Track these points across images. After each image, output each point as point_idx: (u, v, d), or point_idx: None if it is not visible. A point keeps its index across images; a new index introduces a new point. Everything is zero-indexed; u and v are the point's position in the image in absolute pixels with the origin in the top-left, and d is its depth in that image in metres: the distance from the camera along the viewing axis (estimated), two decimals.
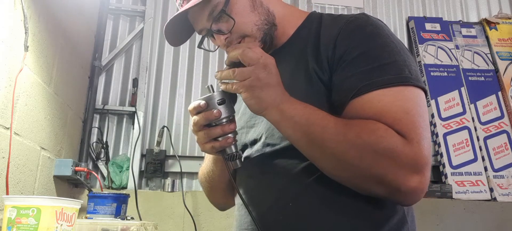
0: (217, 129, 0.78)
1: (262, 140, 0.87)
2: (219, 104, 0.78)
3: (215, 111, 0.77)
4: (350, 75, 0.76)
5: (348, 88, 0.75)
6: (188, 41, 2.95)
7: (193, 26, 0.91)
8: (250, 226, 0.86)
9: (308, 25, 0.90)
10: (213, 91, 0.79)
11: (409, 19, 2.94)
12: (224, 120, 0.78)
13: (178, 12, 0.86)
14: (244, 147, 0.93)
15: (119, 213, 1.71)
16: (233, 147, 0.81)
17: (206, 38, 0.93)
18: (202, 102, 0.77)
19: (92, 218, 1.67)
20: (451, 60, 2.76)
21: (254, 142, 0.89)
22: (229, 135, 0.79)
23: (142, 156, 2.37)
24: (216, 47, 0.92)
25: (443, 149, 2.50)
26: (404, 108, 0.71)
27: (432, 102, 2.62)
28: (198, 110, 0.78)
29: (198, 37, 0.95)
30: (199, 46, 0.94)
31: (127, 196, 1.80)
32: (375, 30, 0.80)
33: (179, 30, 0.93)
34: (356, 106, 0.74)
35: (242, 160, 0.85)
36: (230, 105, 0.80)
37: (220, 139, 0.79)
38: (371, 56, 0.76)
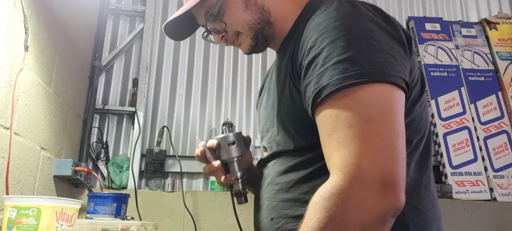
0: (219, 172, 0.88)
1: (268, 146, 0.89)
2: (229, 145, 0.86)
3: (216, 164, 0.86)
4: (307, 83, 0.69)
5: (307, 100, 0.69)
6: (188, 41, 2.93)
7: (197, 20, 0.94)
8: None
9: (302, 19, 0.82)
10: (229, 132, 0.88)
11: (409, 19, 2.95)
12: (228, 161, 0.85)
13: (179, 11, 0.89)
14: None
15: (119, 213, 1.71)
16: (240, 185, 0.86)
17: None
18: (215, 142, 0.86)
19: (92, 218, 1.67)
20: (451, 60, 2.76)
21: (265, 148, 0.92)
22: (235, 173, 0.85)
23: (142, 156, 2.38)
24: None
25: (443, 149, 2.50)
26: (344, 137, 0.61)
27: (432, 102, 2.62)
28: (207, 152, 0.87)
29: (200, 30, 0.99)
30: (204, 38, 0.96)
31: (127, 196, 1.80)
32: (334, 22, 0.68)
33: (183, 25, 0.96)
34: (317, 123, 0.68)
35: (247, 198, 0.89)
36: (240, 148, 0.87)
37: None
38: (324, 55, 0.66)
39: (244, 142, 0.87)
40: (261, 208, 0.83)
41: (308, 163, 0.75)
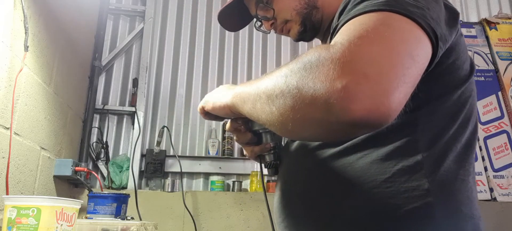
0: (251, 142, 0.84)
1: None
2: None
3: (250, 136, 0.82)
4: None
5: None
6: (188, 41, 2.93)
7: (250, 10, 0.99)
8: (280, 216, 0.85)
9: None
10: None
11: None
12: (261, 130, 0.82)
13: (229, 1, 0.96)
14: None
15: (119, 213, 1.71)
16: (272, 155, 0.84)
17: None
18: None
19: (92, 218, 1.67)
20: None
21: None
22: (269, 142, 0.82)
23: (142, 156, 2.38)
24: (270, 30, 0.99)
25: None
26: (350, 28, 0.53)
27: None
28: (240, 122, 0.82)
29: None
30: (257, 29, 1.00)
31: (127, 196, 1.80)
32: None
33: (237, 17, 1.01)
34: None
35: (278, 170, 0.86)
36: None
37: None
38: (352, 1, 0.63)
39: None
40: (278, 191, 0.83)
41: (333, 143, 0.72)
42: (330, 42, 0.60)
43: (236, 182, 2.36)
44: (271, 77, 0.56)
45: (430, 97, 0.67)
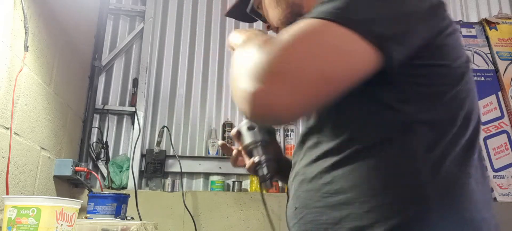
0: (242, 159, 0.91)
1: None
2: (249, 129, 0.87)
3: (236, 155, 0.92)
4: None
5: None
6: (188, 41, 2.92)
7: None
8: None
9: None
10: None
11: None
12: (251, 146, 0.85)
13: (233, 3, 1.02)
14: None
15: (119, 213, 1.71)
16: (264, 169, 0.84)
17: None
18: (235, 129, 0.90)
19: (92, 218, 1.67)
20: None
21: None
22: (257, 158, 0.85)
23: (142, 156, 2.38)
24: None
25: None
26: (294, 29, 0.60)
27: None
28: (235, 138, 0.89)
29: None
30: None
31: (127, 196, 1.80)
32: None
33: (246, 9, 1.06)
34: None
35: (272, 183, 0.87)
36: (261, 133, 0.87)
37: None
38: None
39: (266, 129, 0.88)
40: (289, 198, 0.83)
41: (332, 153, 0.71)
42: None
43: (236, 182, 2.36)
44: (247, 57, 0.62)
45: (423, 105, 0.66)
